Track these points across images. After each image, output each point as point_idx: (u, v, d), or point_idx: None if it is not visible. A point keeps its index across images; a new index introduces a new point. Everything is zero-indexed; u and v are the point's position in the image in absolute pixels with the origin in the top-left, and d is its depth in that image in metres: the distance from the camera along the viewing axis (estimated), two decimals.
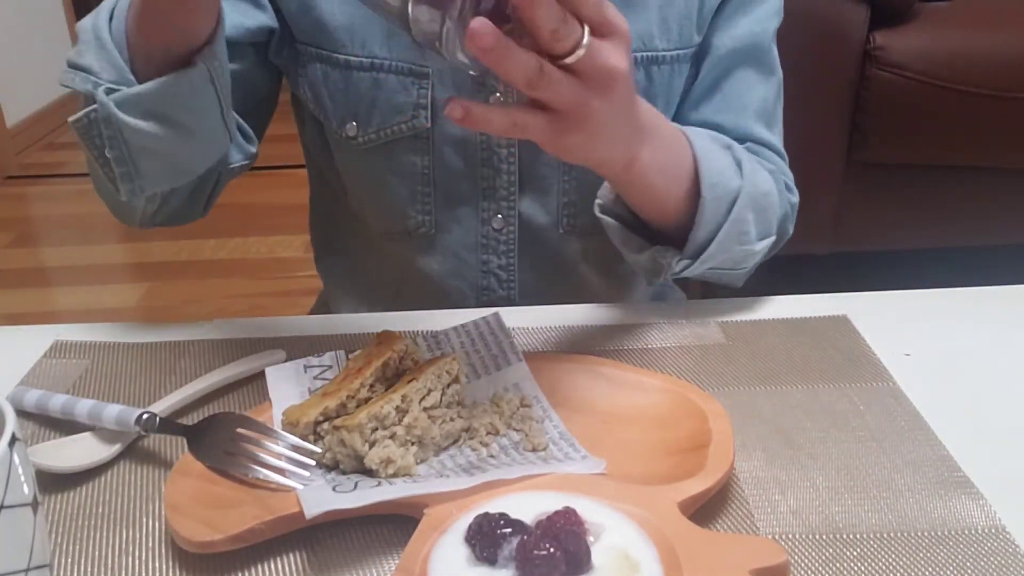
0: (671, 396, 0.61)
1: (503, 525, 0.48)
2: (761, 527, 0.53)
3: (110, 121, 0.68)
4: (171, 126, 0.70)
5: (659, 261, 0.73)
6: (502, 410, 0.61)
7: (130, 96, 0.68)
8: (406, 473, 0.56)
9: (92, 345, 0.74)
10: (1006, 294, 0.79)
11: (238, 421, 0.58)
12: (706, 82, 0.85)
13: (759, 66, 0.85)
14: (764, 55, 0.85)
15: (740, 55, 0.84)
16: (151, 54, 0.69)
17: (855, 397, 0.65)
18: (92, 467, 0.59)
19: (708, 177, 0.70)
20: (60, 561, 0.52)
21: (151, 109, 0.69)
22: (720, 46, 0.84)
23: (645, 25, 0.81)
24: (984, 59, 1.85)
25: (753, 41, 0.84)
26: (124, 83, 0.69)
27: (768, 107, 0.86)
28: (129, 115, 0.68)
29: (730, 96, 0.85)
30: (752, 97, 0.85)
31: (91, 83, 0.69)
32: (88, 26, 0.72)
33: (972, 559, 0.50)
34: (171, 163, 0.73)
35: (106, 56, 0.69)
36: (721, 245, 0.72)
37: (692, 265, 0.73)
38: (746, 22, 0.84)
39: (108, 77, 0.69)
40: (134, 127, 0.68)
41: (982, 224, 2.00)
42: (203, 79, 0.70)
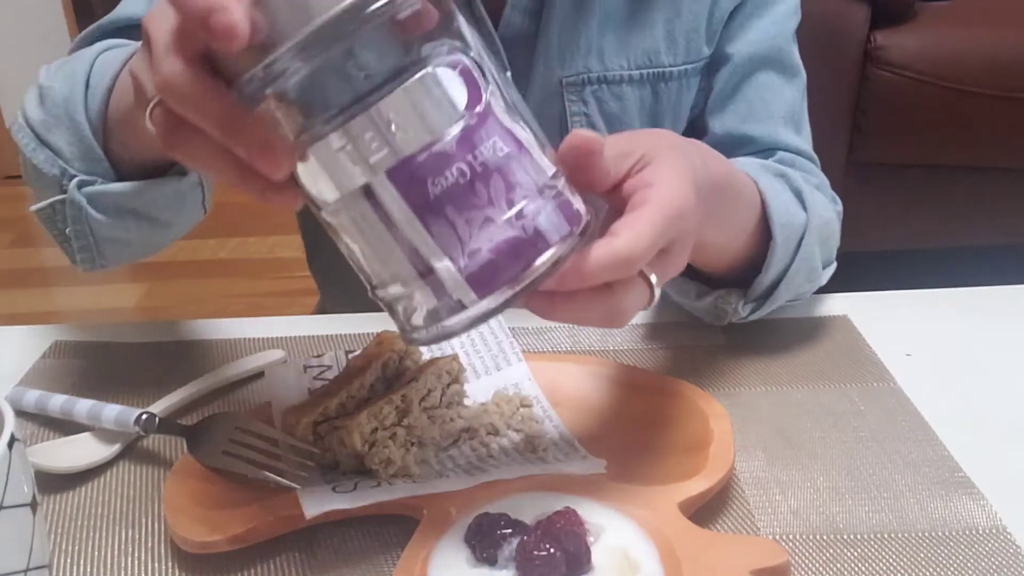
0: (671, 396, 0.61)
1: (503, 526, 0.48)
2: (762, 527, 0.53)
3: (79, 216, 0.63)
4: (147, 221, 0.65)
5: (722, 307, 0.69)
6: (502, 410, 0.61)
7: (104, 193, 0.63)
8: (406, 473, 0.56)
9: (91, 345, 0.74)
10: (1006, 294, 0.79)
11: (238, 421, 0.58)
12: (726, 90, 0.81)
13: (781, 69, 0.82)
14: (785, 57, 0.82)
15: (759, 60, 0.81)
16: (135, 148, 0.62)
17: (856, 397, 0.65)
18: (91, 467, 0.59)
19: (778, 217, 0.65)
20: (59, 561, 0.52)
21: (126, 207, 0.64)
22: (737, 53, 0.80)
23: (651, 42, 0.79)
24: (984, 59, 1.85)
25: (772, 44, 0.81)
26: (99, 174, 0.63)
27: (795, 111, 0.83)
28: (101, 213, 0.63)
29: (755, 104, 0.81)
30: (778, 103, 0.81)
31: (59, 168, 0.63)
32: (59, 96, 0.64)
33: (973, 559, 0.50)
34: (140, 247, 0.69)
35: (79, 141, 0.63)
36: (790, 285, 0.68)
37: (760, 308, 0.69)
38: (762, 25, 0.81)
39: (80, 167, 0.63)
40: (105, 223, 0.63)
41: (982, 224, 2.00)
42: (191, 185, 0.65)
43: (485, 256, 0.42)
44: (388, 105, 0.41)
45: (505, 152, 0.43)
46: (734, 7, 0.80)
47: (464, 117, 0.42)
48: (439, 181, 0.42)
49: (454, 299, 0.43)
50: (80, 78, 0.63)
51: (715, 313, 0.70)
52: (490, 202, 0.42)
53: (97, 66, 0.64)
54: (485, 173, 0.42)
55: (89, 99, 0.63)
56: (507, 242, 0.43)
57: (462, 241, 0.42)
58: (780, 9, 0.82)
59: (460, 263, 0.42)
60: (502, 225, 0.42)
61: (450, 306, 0.43)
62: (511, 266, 0.43)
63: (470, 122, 0.42)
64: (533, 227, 0.43)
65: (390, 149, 0.41)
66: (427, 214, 0.42)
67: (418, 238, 0.42)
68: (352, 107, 0.41)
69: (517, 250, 0.43)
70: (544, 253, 0.43)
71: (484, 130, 0.42)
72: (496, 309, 0.44)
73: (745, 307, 0.68)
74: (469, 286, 0.43)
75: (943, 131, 1.88)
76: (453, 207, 0.42)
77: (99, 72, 0.63)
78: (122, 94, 0.62)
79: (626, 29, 0.78)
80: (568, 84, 0.78)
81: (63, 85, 0.64)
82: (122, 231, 0.65)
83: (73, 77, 0.64)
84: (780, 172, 0.72)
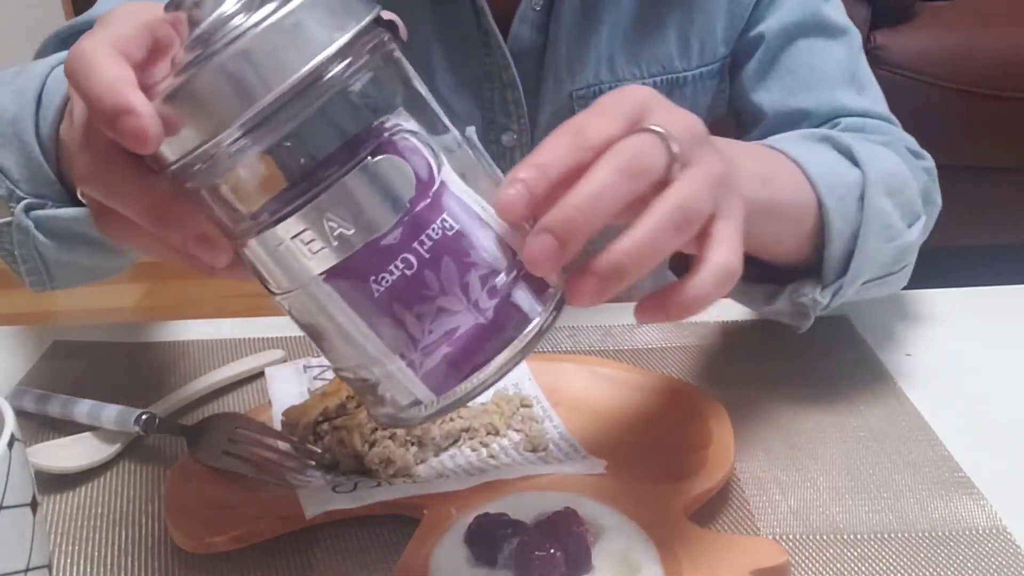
0: (671, 396, 0.61)
1: (503, 526, 0.48)
2: (762, 528, 0.53)
3: (25, 240, 0.59)
4: (101, 248, 0.61)
5: (800, 302, 0.61)
6: (502, 410, 0.61)
7: (54, 218, 0.58)
8: (406, 474, 0.56)
9: (91, 345, 0.74)
10: (1006, 294, 0.79)
11: (238, 421, 0.58)
12: (764, 63, 0.75)
13: (822, 31, 0.74)
14: (824, 17, 0.75)
15: (794, 29, 0.74)
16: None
17: (856, 397, 0.65)
18: (91, 467, 0.59)
19: (822, 179, 0.59)
20: (59, 562, 0.52)
21: (78, 232, 0.59)
22: (769, 30, 0.75)
23: (663, 48, 0.76)
24: (984, 59, 1.85)
25: (804, 9, 0.74)
26: (50, 197, 0.58)
27: (852, 70, 0.75)
28: (50, 238, 0.58)
29: (799, 73, 0.74)
30: (828, 65, 0.74)
31: (6, 189, 0.58)
32: (7, 115, 0.58)
33: (973, 559, 0.50)
34: (92, 271, 0.66)
35: (27, 163, 0.58)
36: (865, 252, 0.60)
37: (841, 288, 0.61)
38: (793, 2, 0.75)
39: (29, 190, 0.58)
40: (54, 248, 0.59)
41: (982, 224, 2.00)
42: None
43: (441, 351, 0.38)
44: (325, 202, 0.37)
45: (455, 229, 0.38)
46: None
47: (407, 207, 0.37)
48: (382, 278, 0.37)
49: (411, 396, 0.39)
50: (30, 96, 0.58)
51: (796, 312, 0.63)
52: (442, 290, 0.37)
53: (50, 83, 0.59)
54: (434, 258, 0.37)
55: (40, 119, 0.58)
56: (467, 333, 0.38)
57: (413, 339, 0.38)
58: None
59: (414, 362, 0.38)
60: (459, 314, 0.38)
61: (408, 401, 0.40)
62: (472, 358, 0.38)
63: (415, 208, 0.37)
64: (495, 310, 0.38)
65: (327, 250, 0.37)
66: (372, 316, 0.38)
67: (365, 340, 0.38)
68: (289, 200, 0.37)
69: (478, 340, 0.38)
70: (514, 339, 0.38)
71: (431, 210, 0.38)
72: (457, 403, 0.39)
73: (824, 293, 0.61)
74: (425, 385, 0.39)
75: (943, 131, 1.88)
76: (400, 304, 0.37)
77: (52, 89, 0.58)
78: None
79: (637, 37, 0.76)
80: (578, 97, 0.77)
81: (11, 102, 0.59)
82: (73, 256, 0.61)
83: (22, 95, 0.59)
84: (823, 136, 0.65)
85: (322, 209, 0.37)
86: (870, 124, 0.73)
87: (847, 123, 0.72)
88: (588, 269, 0.39)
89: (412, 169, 0.38)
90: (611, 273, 0.39)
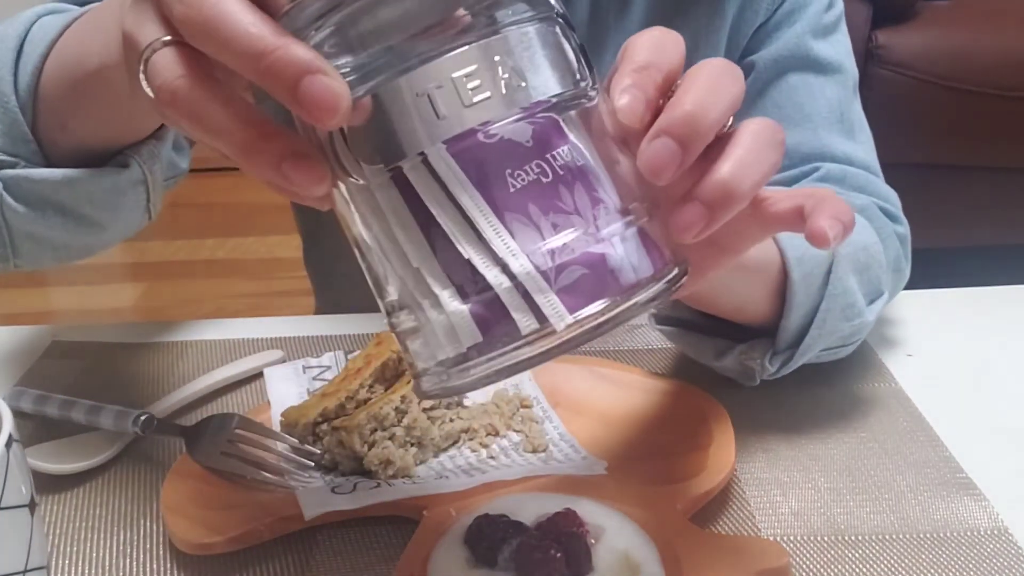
0: (672, 397, 0.61)
1: (503, 527, 0.48)
2: (763, 529, 0.53)
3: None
4: (73, 219, 0.56)
5: (748, 364, 0.60)
6: (502, 411, 0.61)
7: (26, 180, 0.54)
8: (405, 474, 0.56)
9: (90, 345, 0.74)
10: (1007, 294, 0.79)
11: (236, 422, 0.58)
12: (750, 94, 0.72)
13: (815, 67, 0.72)
14: (818, 53, 0.72)
15: (785, 62, 0.72)
16: (71, 130, 0.54)
17: (857, 398, 0.64)
18: (90, 468, 0.59)
19: (792, 251, 0.56)
20: (58, 563, 0.52)
21: (51, 199, 0.55)
22: (761, 60, 0.73)
23: None
24: (986, 58, 1.85)
25: (799, 43, 0.72)
26: (23, 157, 0.53)
27: (841, 110, 0.72)
28: (20, 202, 0.54)
29: (788, 108, 0.71)
30: (816, 102, 0.71)
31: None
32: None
33: (975, 561, 0.50)
34: (63, 249, 0.60)
35: (2, 115, 0.53)
36: (823, 328, 0.58)
37: (791, 360, 0.59)
38: (789, 31, 0.73)
39: (1, 146, 0.53)
40: (23, 214, 0.55)
41: (983, 224, 2.00)
42: (132, 181, 0.56)
43: (578, 269, 0.34)
44: (503, 44, 0.33)
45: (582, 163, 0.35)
46: (758, 25, 0.74)
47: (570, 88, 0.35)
48: (519, 175, 0.34)
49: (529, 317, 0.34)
50: (11, 44, 0.54)
51: (742, 371, 0.61)
52: (576, 210, 0.34)
53: (34, 32, 0.55)
54: (568, 177, 0.35)
55: (20, 69, 0.53)
56: (601, 258, 0.34)
57: (551, 246, 0.34)
58: (810, 11, 0.73)
59: (548, 272, 0.33)
60: (592, 239, 0.34)
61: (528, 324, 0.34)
62: (609, 285, 0.34)
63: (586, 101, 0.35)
64: (624, 248, 0.35)
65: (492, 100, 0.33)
66: (506, 209, 0.34)
67: (494, 233, 0.34)
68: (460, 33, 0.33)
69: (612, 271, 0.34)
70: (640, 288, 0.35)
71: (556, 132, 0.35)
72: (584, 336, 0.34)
73: (774, 360, 0.59)
74: (560, 299, 0.33)
75: (944, 130, 1.88)
76: (537, 207, 0.34)
77: (35, 39, 0.54)
78: (64, 60, 0.53)
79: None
80: None
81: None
82: (43, 227, 0.56)
83: (3, 42, 0.54)
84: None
85: (497, 51, 0.33)
86: (851, 174, 0.70)
87: (828, 169, 0.70)
88: (692, 195, 0.37)
89: (574, 57, 0.36)
90: (718, 195, 0.37)
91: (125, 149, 0.57)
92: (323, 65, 0.32)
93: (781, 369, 0.60)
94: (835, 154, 0.71)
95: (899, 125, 1.86)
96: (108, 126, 0.54)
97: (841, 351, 0.64)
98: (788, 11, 0.74)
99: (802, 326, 0.58)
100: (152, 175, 0.57)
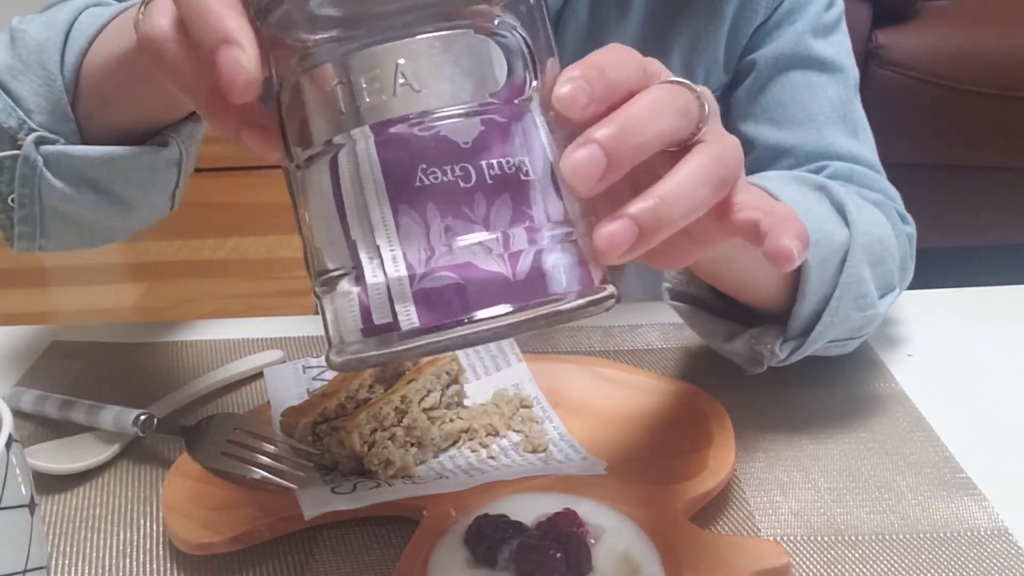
0: (672, 397, 0.61)
1: (503, 527, 0.48)
2: (763, 529, 0.53)
3: (30, 178, 0.56)
4: (106, 197, 0.58)
5: (757, 349, 0.60)
6: (502, 411, 0.61)
7: (66, 156, 0.55)
8: (405, 474, 0.56)
9: (90, 345, 0.74)
10: (1007, 294, 0.79)
11: (236, 422, 0.58)
12: (752, 91, 0.73)
13: (817, 65, 0.72)
14: (820, 51, 0.73)
15: (789, 60, 0.72)
16: (113, 107, 0.56)
17: (857, 398, 0.64)
18: (89, 468, 0.59)
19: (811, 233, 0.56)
20: (57, 563, 0.52)
21: (88, 176, 0.56)
22: (762, 58, 0.73)
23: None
24: (986, 58, 1.85)
25: (800, 41, 0.73)
26: (63, 134, 0.56)
27: (844, 109, 0.72)
28: (58, 177, 0.56)
29: (791, 106, 0.72)
30: (819, 101, 0.71)
31: (17, 120, 0.55)
32: (33, 42, 0.56)
33: (975, 561, 0.50)
34: (88, 231, 0.62)
35: (48, 92, 0.55)
36: (836, 316, 0.58)
37: (802, 347, 0.59)
38: (790, 29, 0.73)
39: (41, 120, 0.56)
40: (59, 191, 0.56)
41: (983, 224, 2.00)
42: (169, 161, 0.58)
43: (449, 277, 0.33)
44: (406, 49, 0.33)
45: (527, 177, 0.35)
46: (758, 24, 0.75)
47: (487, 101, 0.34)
48: (432, 172, 0.34)
49: (388, 315, 0.34)
50: (60, 27, 0.57)
51: (751, 357, 0.61)
52: (485, 224, 0.34)
53: (82, 19, 0.57)
54: (494, 188, 0.34)
55: (67, 50, 0.56)
56: (483, 275, 0.34)
57: (430, 247, 0.34)
58: (810, 10, 0.74)
59: (416, 273, 0.34)
60: (488, 255, 0.34)
61: (383, 320, 0.34)
62: (476, 302, 0.34)
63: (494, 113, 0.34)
64: (528, 270, 0.34)
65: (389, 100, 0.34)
66: (401, 200, 0.34)
67: (380, 222, 0.34)
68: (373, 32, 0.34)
69: (492, 288, 0.34)
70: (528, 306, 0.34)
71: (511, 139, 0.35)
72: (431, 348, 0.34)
73: (784, 347, 0.59)
74: (414, 303, 0.34)
75: (943, 131, 1.88)
76: (436, 207, 0.34)
77: (83, 24, 0.57)
78: (112, 40, 0.55)
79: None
80: None
81: (39, 30, 0.57)
82: (76, 205, 0.57)
83: (52, 24, 0.57)
84: (819, 184, 0.62)
85: (402, 54, 0.34)
86: (858, 172, 0.70)
87: (835, 168, 0.70)
88: (621, 212, 0.36)
89: (506, 68, 0.35)
90: (648, 216, 0.36)
91: (164, 129, 0.58)
92: (242, 39, 0.34)
93: (791, 356, 0.60)
94: (840, 152, 0.70)
95: (899, 125, 1.86)
96: (148, 107, 0.55)
97: (848, 344, 0.63)
98: (788, 10, 0.74)
99: (815, 312, 0.58)
100: (188, 156, 0.59)
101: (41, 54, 0.56)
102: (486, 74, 0.35)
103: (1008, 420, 0.62)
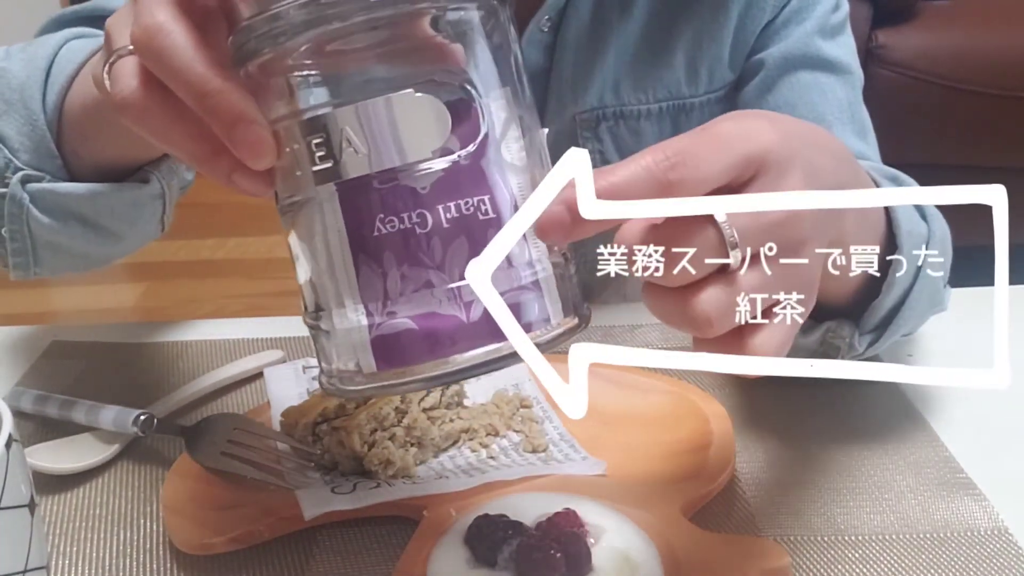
0: (672, 397, 0.61)
1: (503, 527, 0.48)
2: (763, 529, 0.53)
3: (18, 215, 0.57)
4: (94, 230, 0.59)
5: (835, 343, 0.57)
6: (502, 411, 0.61)
7: (52, 193, 0.57)
8: (405, 474, 0.56)
9: (90, 345, 0.74)
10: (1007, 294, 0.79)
11: (236, 422, 0.58)
12: (762, 89, 0.73)
13: (825, 66, 0.73)
14: (827, 53, 0.73)
15: (796, 60, 0.73)
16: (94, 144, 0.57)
17: (856, 398, 0.64)
18: (90, 468, 0.59)
19: (905, 224, 0.52)
20: (57, 563, 0.52)
21: (75, 211, 0.58)
22: (770, 57, 0.73)
23: (671, 74, 0.75)
24: (986, 58, 1.85)
25: (809, 42, 0.73)
26: (48, 171, 0.57)
27: (852, 110, 0.72)
28: (45, 214, 0.57)
29: (800, 107, 0.71)
30: (828, 102, 0.72)
31: (3, 159, 0.57)
32: (15, 80, 0.57)
33: (975, 561, 0.50)
34: (82, 258, 0.64)
35: (31, 131, 0.57)
36: (914, 308, 0.56)
37: (879, 339, 0.57)
38: (799, 29, 0.74)
39: (27, 159, 0.57)
40: (48, 226, 0.58)
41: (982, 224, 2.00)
42: (151, 195, 0.60)
43: (405, 324, 0.35)
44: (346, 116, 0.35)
45: (487, 216, 0.36)
46: (765, 23, 0.74)
47: (447, 154, 0.36)
48: (390, 221, 0.35)
49: (353, 360, 0.37)
50: (41, 64, 0.58)
51: (823, 352, 0.58)
52: (439, 268, 0.35)
53: (63, 54, 0.58)
54: (451, 232, 0.35)
55: (48, 88, 0.57)
56: (440, 320, 0.35)
57: (386, 295, 0.36)
58: (818, 10, 0.74)
59: (374, 321, 0.36)
60: (444, 299, 0.35)
61: (349, 366, 0.37)
62: (431, 349, 0.35)
63: (454, 163, 0.36)
64: (483, 313, 0.35)
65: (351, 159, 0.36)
66: (360, 251, 0.36)
67: (343, 273, 0.36)
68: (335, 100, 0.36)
69: (449, 334, 0.35)
70: (477, 347, 0.36)
71: (469, 181, 0.36)
72: (394, 389, 0.37)
73: (861, 340, 0.57)
74: (372, 352, 0.36)
75: (943, 131, 1.88)
76: (392, 255, 0.35)
77: (63, 60, 0.58)
78: (87, 84, 0.55)
79: (644, 63, 0.75)
80: (581, 120, 0.75)
81: (21, 69, 0.58)
82: (65, 238, 0.59)
83: (33, 62, 0.58)
84: (892, 175, 0.61)
85: (344, 120, 0.36)
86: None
87: None
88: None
89: (460, 122, 0.36)
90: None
91: (145, 165, 0.60)
92: (254, 115, 0.37)
93: (867, 349, 0.58)
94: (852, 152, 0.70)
95: (899, 125, 1.86)
96: (129, 145, 0.56)
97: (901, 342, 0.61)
98: (796, 9, 0.75)
99: (896, 305, 0.56)
100: (170, 190, 0.61)
101: (23, 93, 0.57)
102: (432, 128, 0.36)
103: (1008, 420, 0.62)
